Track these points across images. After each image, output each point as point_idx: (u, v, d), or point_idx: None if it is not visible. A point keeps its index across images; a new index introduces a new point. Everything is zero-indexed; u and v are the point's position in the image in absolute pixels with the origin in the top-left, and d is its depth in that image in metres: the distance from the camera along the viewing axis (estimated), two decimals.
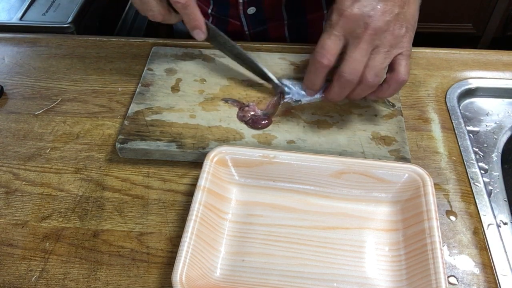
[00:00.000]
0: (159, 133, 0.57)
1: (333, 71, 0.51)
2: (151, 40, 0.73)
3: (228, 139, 0.56)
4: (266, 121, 0.58)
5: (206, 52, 0.67)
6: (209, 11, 0.79)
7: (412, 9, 0.50)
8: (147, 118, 0.58)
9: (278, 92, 0.60)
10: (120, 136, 0.56)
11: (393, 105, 0.59)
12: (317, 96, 0.57)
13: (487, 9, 1.75)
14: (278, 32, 0.80)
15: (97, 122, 0.61)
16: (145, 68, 0.65)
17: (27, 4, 0.90)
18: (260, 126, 0.57)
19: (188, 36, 0.64)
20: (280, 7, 0.76)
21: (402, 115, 0.58)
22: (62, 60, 0.70)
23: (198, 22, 0.56)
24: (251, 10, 0.75)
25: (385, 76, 0.51)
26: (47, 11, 0.89)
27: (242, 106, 0.59)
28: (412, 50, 0.69)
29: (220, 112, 0.59)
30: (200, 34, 0.57)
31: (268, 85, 0.62)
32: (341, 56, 0.50)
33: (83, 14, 0.90)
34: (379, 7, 0.47)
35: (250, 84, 0.63)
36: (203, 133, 0.57)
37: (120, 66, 0.69)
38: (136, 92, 0.62)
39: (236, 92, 0.62)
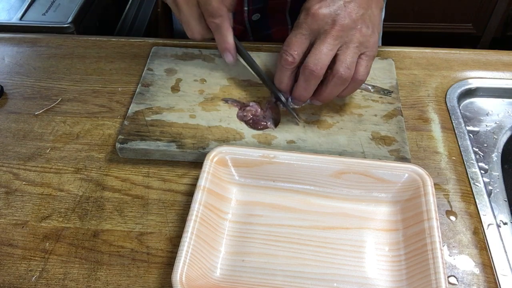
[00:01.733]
0: (159, 133, 0.57)
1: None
2: (151, 40, 0.73)
3: (228, 139, 0.56)
4: (268, 122, 0.58)
5: (206, 52, 0.67)
6: None
7: (376, 12, 0.52)
8: (147, 118, 0.58)
9: (274, 97, 0.60)
10: (120, 136, 0.56)
11: (390, 92, 0.59)
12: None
13: (487, 9, 1.75)
14: (281, 36, 0.80)
15: (97, 122, 0.61)
16: (145, 68, 0.65)
17: (27, 4, 0.90)
18: (260, 126, 0.57)
19: (188, 36, 0.63)
20: (284, 12, 0.76)
21: (402, 115, 0.58)
22: (62, 60, 0.70)
23: (227, 45, 0.58)
24: (256, 17, 0.75)
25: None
26: (47, 11, 0.89)
27: (242, 106, 0.59)
28: (412, 50, 0.70)
29: (220, 112, 0.59)
30: (229, 57, 0.59)
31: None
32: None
33: (83, 14, 0.90)
34: (345, 7, 0.49)
35: (250, 84, 0.63)
36: (203, 133, 0.57)
37: (120, 66, 0.69)
38: (136, 92, 0.62)
39: (236, 92, 0.62)
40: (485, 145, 0.61)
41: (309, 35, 0.50)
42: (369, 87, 0.58)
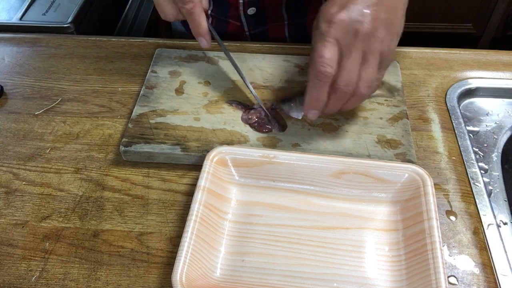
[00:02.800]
0: (163, 136, 0.57)
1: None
2: (151, 40, 0.73)
3: (232, 142, 0.56)
4: (273, 126, 0.58)
5: (210, 54, 0.67)
6: (209, 12, 0.78)
7: (400, 16, 0.49)
8: (151, 121, 0.58)
9: (270, 106, 0.60)
10: (124, 139, 0.56)
11: (396, 90, 0.58)
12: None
13: (487, 9, 1.75)
14: (278, 32, 0.80)
15: (97, 122, 0.61)
16: (149, 71, 0.65)
17: (27, 4, 0.90)
18: (265, 130, 0.57)
19: (187, 36, 0.63)
20: (280, 7, 0.76)
21: (407, 118, 0.58)
22: (62, 60, 0.70)
23: (201, 30, 0.57)
24: (251, 11, 0.75)
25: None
26: (47, 11, 0.89)
27: (247, 109, 0.59)
28: (412, 50, 0.70)
29: (224, 115, 0.59)
30: (203, 42, 0.58)
31: (272, 88, 0.62)
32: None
33: (83, 14, 0.90)
34: (367, 12, 0.46)
35: (254, 86, 0.62)
36: (208, 136, 0.57)
37: (120, 66, 0.69)
38: (140, 95, 0.61)
39: (240, 94, 0.62)
40: (485, 145, 0.61)
41: (336, 42, 0.47)
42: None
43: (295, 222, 0.50)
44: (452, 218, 0.51)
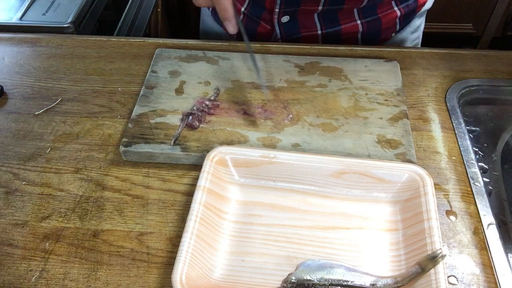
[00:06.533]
0: (163, 136, 0.57)
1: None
2: (151, 40, 0.73)
3: (232, 142, 0.56)
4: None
5: (210, 54, 0.67)
6: (243, 9, 0.77)
7: None
8: (151, 121, 0.58)
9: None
10: (124, 139, 0.56)
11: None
12: None
13: (487, 9, 1.75)
14: (310, 40, 0.78)
15: (97, 122, 0.61)
16: (149, 71, 0.65)
17: (27, 4, 0.90)
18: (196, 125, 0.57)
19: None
20: (312, 16, 0.75)
21: (407, 118, 0.58)
22: (62, 60, 0.70)
23: (227, 14, 0.56)
24: (285, 19, 0.74)
25: None
26: (47, 11, 0.89)
27: (189, 114, 0.59)
28: (412, 50, 0.70)
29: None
30: (229, 26, 0.57)
31: (272, 88, 0.62)
32: None
33: (83, 14, 0.90)
34: None
35: (254, 86, 0.63)
36: (208, 136, 0.57)
37: (120, 66, 0.69)
38: (140, 95, 0.61)
39: (240, 94, 0.62)
40: (485, 145, 0.61)
41: None
42: None
43: (295, 222, 0.50)
44: (452, 218, 0.51)
